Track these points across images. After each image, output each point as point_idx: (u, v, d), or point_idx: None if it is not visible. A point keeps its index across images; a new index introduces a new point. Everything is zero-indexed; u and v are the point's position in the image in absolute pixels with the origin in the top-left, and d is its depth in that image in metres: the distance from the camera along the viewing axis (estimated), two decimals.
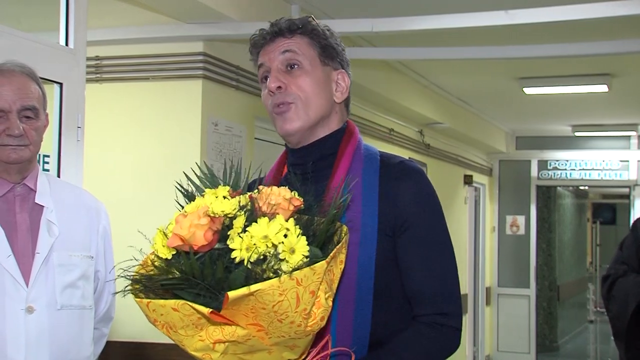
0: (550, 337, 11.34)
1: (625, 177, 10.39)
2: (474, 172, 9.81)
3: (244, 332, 1.32)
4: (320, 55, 1.67)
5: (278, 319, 1.30)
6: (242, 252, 1.30)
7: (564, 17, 3.84)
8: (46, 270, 2.06)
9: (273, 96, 1.65)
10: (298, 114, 1.64)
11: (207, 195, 1.40)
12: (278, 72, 1.64)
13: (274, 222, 1.32)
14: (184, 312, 1.31)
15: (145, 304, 1.35)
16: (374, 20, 4.11)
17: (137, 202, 4.26)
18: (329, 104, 1.68)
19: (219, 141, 4.32)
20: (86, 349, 2.19)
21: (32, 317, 2.02)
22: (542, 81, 6.96)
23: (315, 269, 1.31)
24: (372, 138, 6.46)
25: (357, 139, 1.70)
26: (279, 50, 1.65)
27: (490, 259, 10.69)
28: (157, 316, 1.35)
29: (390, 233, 1.60)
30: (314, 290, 1.31)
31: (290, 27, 1.66)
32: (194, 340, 1.35)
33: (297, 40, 1.66)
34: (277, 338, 1.34)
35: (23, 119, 2.05)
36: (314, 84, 1.65)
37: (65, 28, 3.14)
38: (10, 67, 2.09)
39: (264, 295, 1.27)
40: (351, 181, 1.58)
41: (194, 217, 1.34)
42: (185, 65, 4.26)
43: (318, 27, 1.69)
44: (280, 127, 1.66)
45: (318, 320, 1.34)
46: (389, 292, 1.60)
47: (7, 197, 2.09)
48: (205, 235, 1.32)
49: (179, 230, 1.33)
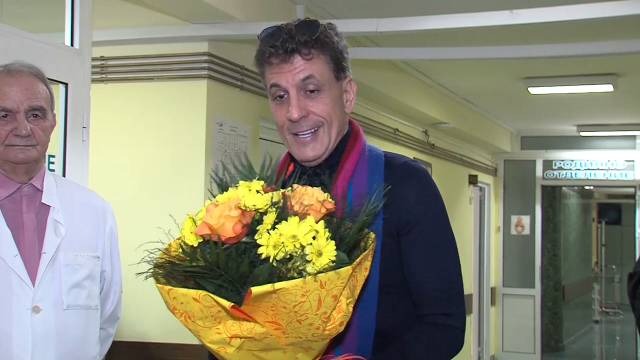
0: (556, 337, 11.32)
1: (630, 177, 10.36)
2: (478, 172, 9.80)
3: (262, 329, 1.32)
4: (335, 71, 1.63)
5: (297, 319, 1.30)
6: (268, 248, 1.30)
7: (569, 16, 3.83)
8: (52, 270, 2.07)
9: (293, 123, 1.60)
10: (322, 142, 1.62)
11: (240, 187, 1.39)
12: (299, 99, 1.59)
13: (304, 222, 1.31)
14: (204, 303, 1.31)
15: (166, 290, 1.34)
16: (379, 20, 4.11)
17: (142, 202, 4.27)
18: (344, 119, 1.67)
19: (223, 141, 4.32)
20: (92, 349, 2.19)
21: (38, 316, 2.03)
22: (547, 81, 6.95)
23: (340, 273, 1.31)
24: (377, 138, 6.46)
25: (362, 141, 1.70)
26: (298, 75, 1.58)
27: (495, 259, 10.68)
28: (177, 304, 1.34)
29: (394, 233, 1.60)
30: (337, 294, 1.32)
31: (306, 43, 1.57)
32: (211, 332, 1.35)
33: (315, 62, 1.59)
34: (294, 338, 1.34)
35: (31, 119, 2.06)
36: (333, 106, 1.62)
37: (70, 28, 3.15)
38: (18, 68, 2.09)
39: (287, 295, 1.27)
40: (356, 182, 1.60)
41: (224, 207, 1.33)
42: (190, 65, 4.26)
43: (330, 36, 1.61)
44: (300, 154, 1.63)
45: (337, 325, 1.35)
46: (394, 291, 1.61)
47: (14, 197, 2.09)
48: (234, 227, 1.32)
49: (209, 219, 1.33)
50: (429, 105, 7.29)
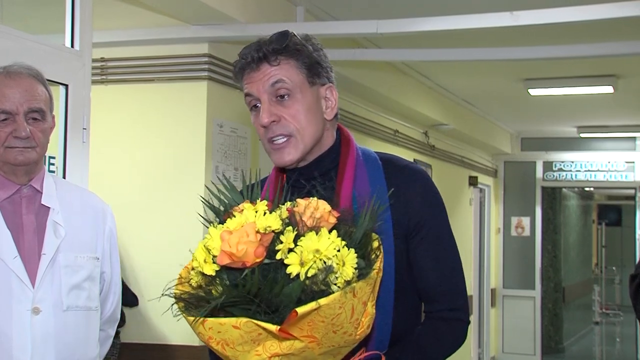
0: (556, 339, 11.31)
1: (630, 178, 10.36)
2: (479, 174, 9.80)
3: (301, 344, 1.34)
4: (308, 76, 1.63)
5: (333, 330, 1.33)
6: (297, 267, 1.32)
7: (569, 18, 3.84)
8: (52, 272, 2.07)
9: (266, 129, 1.62)
10: (296, 147, 1.62)
11: (246, 210, 1.39)
12: (270, 104, 1.61)
13: (323, 236, 1.34)
14: (245, 329, 1.32)
15: (200, 322, 1.34)
16: (379, 21, 4.11)
17: (142, 204, 4.27)
18: (321, 126, 1.66)
19: (224, 143, 4.32)
20: (92, 350, 2.19)
21: (38, 318, 2.03)
22: (547, 82, 6.95)
23: (369, 280, 1.34)
24: (377, 139, 6.46)
25: (354, 148, 1.71)
26: (267, 81, 1.60)
27: (496, 260, 10.68)
28: (214, 334, 1.35)
29: (403, 235, 1.65)
30: (366, 300, 1.36)
31: (274, 51, 1.60)
32: (250, 355, 1.36)
33: (284, 67, 1.60)
34: (327, 347, 1.37)
35: (30, 121, 2.05)
36: (306, 111, 1.62)
37: (70, 30, 3.15)
38: (17, 69, 2.09)
39: (327, 309, 1.30)
40: (359, 188, 1.62)
41: (241, 234, 1.33)
42: (190, 67, 4.26)
43: (301, 44, 1.63)
44: (277, 159, 1.64)
45: (365, 329, 1.39)
46: (405, 291, 1.66)
47: (13, 198, 2.09)
48: (256, 251, 1.32)
49: (228, 247, 1.33)
50: (429, 107, 7.30)
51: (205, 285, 1.38)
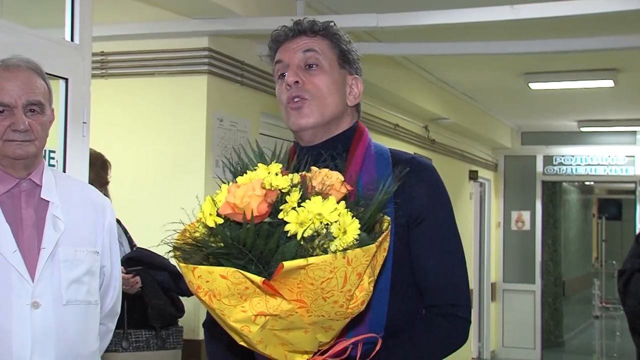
0: (556, 333, 11.32)
1: (631, 172, 10.36)
2: (479, 168, 9.79)
3: (288, 306, 1.34)
4: (339, 58, 1.72)
5: (323, 296, 1.32)
6: (295, 226, 1.32)
7: (570, 12, 3.83)
8: (52, 266, 2.06)
9: (289, 90, 1.67)
10: (312, 111, 1.66)
11: (259, 169, 1.41)
12: (298, 69, 1.67)
13: (328, 201, 1.34)
14: (232, 280, 1.32)
15: (191, 269, 1.35)
16: (379, 15, 4.11)
17: (142, 196, 4.27)
18: (342, 105, 1.71)
19: (224, 136, 4.33)
20: (92, 345, 2.19)
21: (37, 312, 2.02)
22: (547, 76, 6.94)
23: (366, 250, 1.33)
24: (378, 133, 6.46)
25: (367, 139, 1.74)
26: (300, 48, 1.69)
27: (496, 254, 10.69)
28: (202, 283, 1.35)
29: (405, 226, 1.64)
30: (361, 272, 1.34)
31: (312, 28, 1.70)
32: (235, 310, 1.35)
33: (319, 41, 1.70)
34: (317, 317, 1.36)
35: (29, 114, 2.05)
36: (330, 83, 1.69)
37: (70, 24, 3.14)
38: (16, 62, 2.08)
39: (316, 270, 1.29)
40: (365, 174, 1.63)
41: (248, 187, 1.34)
42: (190, 60, 4.26)
43: (339, 32, 1.73)
44: (293, 122, 1.68)
45: (359, 304, 1.37)
46: (404, 283, 1.65)
47: (12, 192, 2.09)
48: (259, 206, 1.33)
49: (232, 198, 1.34)
50: (429, 101, 7.29)
51: (209, 235, 1.38)
